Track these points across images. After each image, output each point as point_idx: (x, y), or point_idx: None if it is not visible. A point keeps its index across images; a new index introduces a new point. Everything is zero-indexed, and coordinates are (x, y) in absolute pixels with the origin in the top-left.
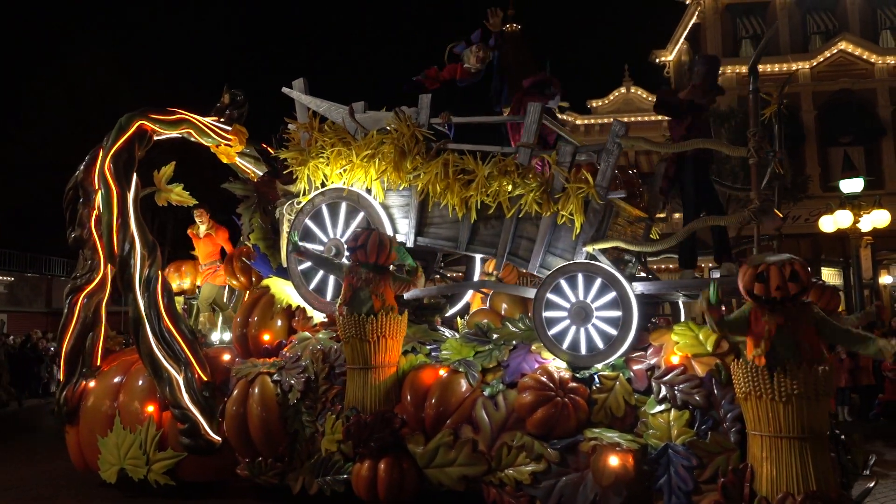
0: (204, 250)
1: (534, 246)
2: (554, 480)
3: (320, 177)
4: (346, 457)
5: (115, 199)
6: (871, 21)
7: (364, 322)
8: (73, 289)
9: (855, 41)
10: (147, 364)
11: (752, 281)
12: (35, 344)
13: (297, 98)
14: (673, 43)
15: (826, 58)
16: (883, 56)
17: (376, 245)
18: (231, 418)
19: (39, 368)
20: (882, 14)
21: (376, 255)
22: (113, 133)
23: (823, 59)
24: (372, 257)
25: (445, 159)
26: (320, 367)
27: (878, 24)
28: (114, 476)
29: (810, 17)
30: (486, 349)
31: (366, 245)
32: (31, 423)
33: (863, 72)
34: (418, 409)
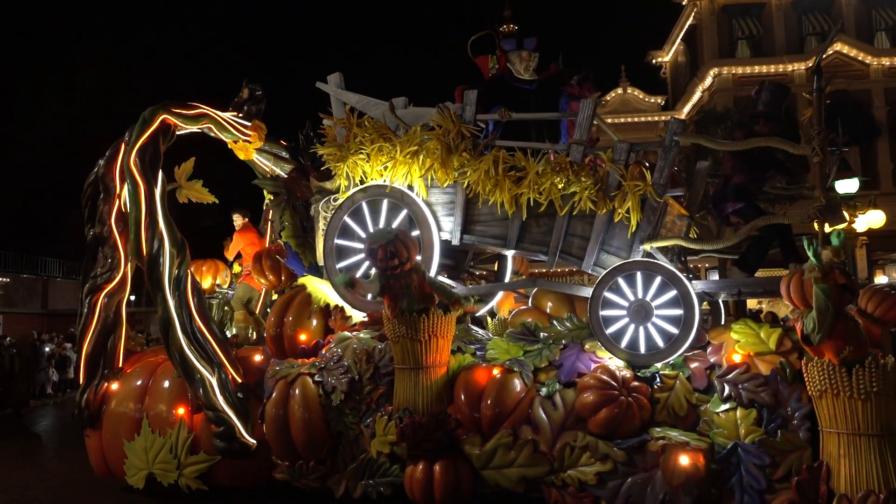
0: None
1: (587, 244)
2: (620, 481)
3: (359, 173)
4: (394, 459)
5: (143, 196)
6: (867, 22)
7: (416, 321)
8: (92, 288)
9: (850, 42)
10: (178, 365)
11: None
12: (32, 345)
13: (332, 93)
14: (669, 44)
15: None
16: (878, 57)
17: (398, 262)
18: (271, 420)
19: (36, 370)
20: (877, 15)
21: (400, 268)
22: (136, 127)
23: None
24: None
25: (495, 156)
26: (364, 368)
27: (873, 26)
28: (142, 481)
29: (806, 18)
30: (535, 348)
31: (387, 264)
32: (27, 425)
33: (858, 73)
34: (473, 409)
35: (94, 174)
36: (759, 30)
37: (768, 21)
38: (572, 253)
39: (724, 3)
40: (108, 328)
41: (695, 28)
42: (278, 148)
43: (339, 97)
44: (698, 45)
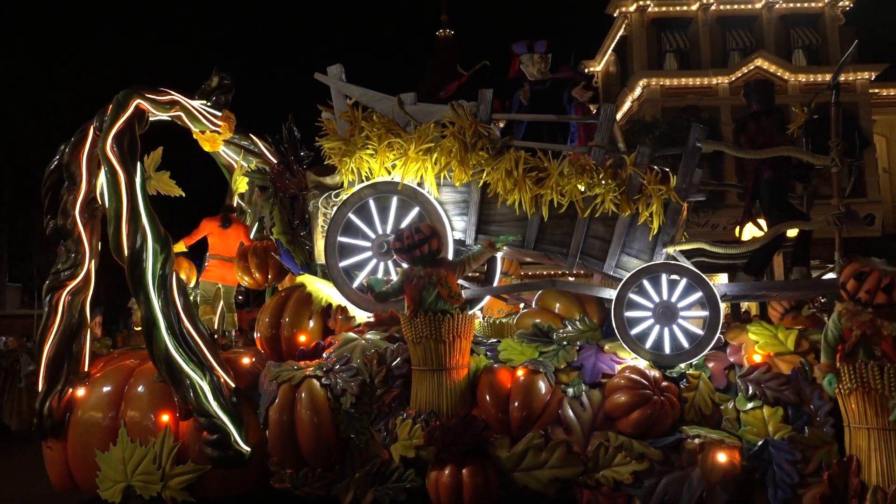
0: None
1: (608, 246)
2: (656, 479)
3: (365, 169)
4: (409, 464)
5: (124, 186)
6: (785, 40)
7: (440, 322)
8: (53, 286)
9: (770, 59)
10: (163, 369)
11: (850, 277)
12: None
13: (333, 85)
14: (601, 54)
15: (743, 73)
16: (795, 73)
17: (425, 236)
18: (276, 426)
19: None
20: (794, 34)
21: (427, 245)
22: (111, 111)
23: (741, 74)
24: (424, 248)
25: (516, 156)
26: (376, 370)
27: (791, 44)
28: (118, 494)
29: (729, 34)
30: (550, 349)
31: (414, 240)
32: None
33: (777, 88)
34: (500, 411)
35: (57, 161)
36: (686, 43)
37: (695, 35)
38: (593, 255)
39: (653, 16)
40: (72, 329)
41: (625, 39)
42: (248, 140)
43: (342, 90)
44: (628, 56)
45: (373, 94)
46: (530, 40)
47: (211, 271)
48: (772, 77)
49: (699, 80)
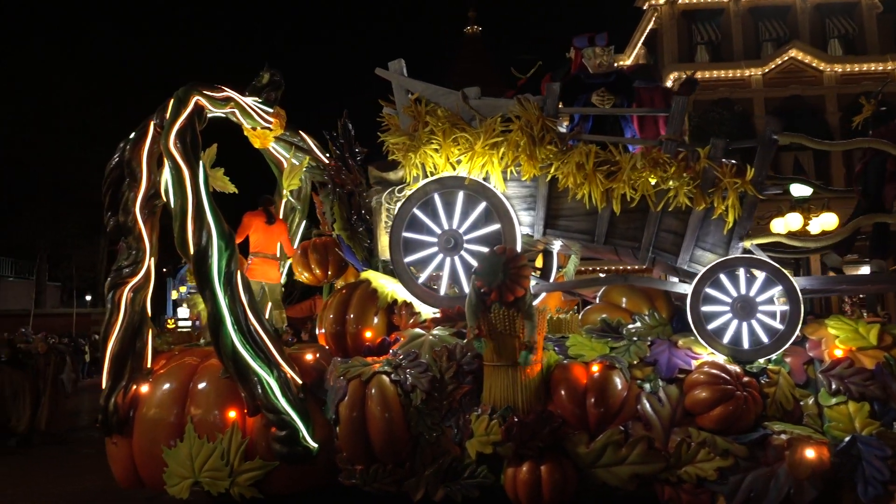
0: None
1: (680, 240)
2: (741, 476)
3: (429, 164)
4: (482, 460)
5: (188, 182)
6: (820, 30)
7: (514, 317)
8: (115, 282)
9: (805, 49)
10: (230, 365)
11: None
12: None
13: (394, 80)
14: (631, 47)
15: (777, 65)
16: (831, 64)
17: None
18: (346, 422)
19: None
20: (830, 23)
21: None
22: (171, 107)
23: (775, 65)
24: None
25: (586, 150)
26: (446, 366)
27: (826, 33)
28: (186, 490)
29: (762, 25)
30: (621, 345)
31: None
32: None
33: (812, 79)
34: (578, 407)
35: (118, 158)
36: (718, 35)
37: (727, 27)
38: (665, 249)
39: (683, 8)
40: (135, 326)
41: (655, 32)
42: (297, 137)
43: (404, 85)
44: (659, 50)
45: (436, 89)
46: (591, 34)
47: (254, 269)
48: (806, 68)
49: (731, 72)
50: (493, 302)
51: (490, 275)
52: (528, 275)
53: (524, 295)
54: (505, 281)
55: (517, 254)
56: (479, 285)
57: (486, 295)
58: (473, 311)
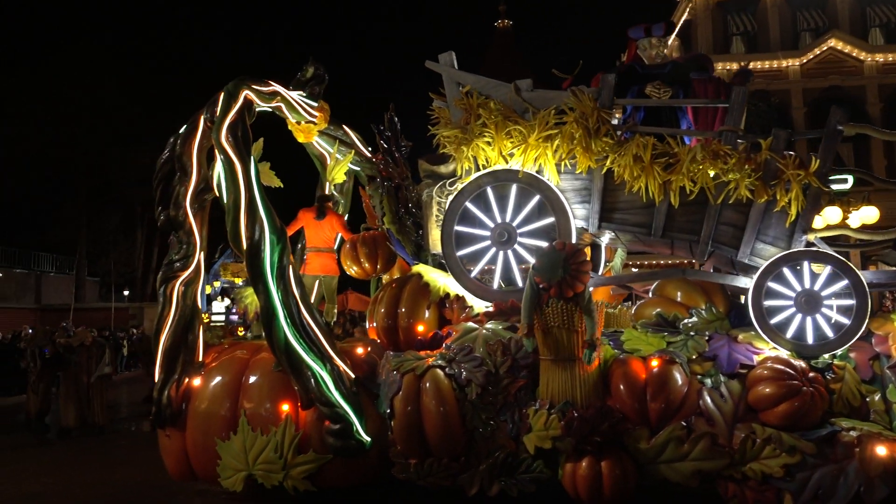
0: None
1: (740, 233)
2: (809, 472)
3: (482, 158)
4: (538, 455)
5: (241, 176)
6: (861, 19)
7: (572, 312)
8: (167, 276)
9: (844, 38)
10: (282, 359)
11: None
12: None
13: (445, 73)
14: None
15: (816, 55)
16: (872, 53)
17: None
18: (402, 416)
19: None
20: (871, 12)
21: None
22: (222, 101)
23: (813, 56)
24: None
25: (643, 142)
26: (500, 360)
27: (867, 22)
28: (240, 483)
29: (800, 15)
30: (678, 339)
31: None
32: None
33: (852, 69)
34: (638, 402)
35: (169, 153)
36: (754, 26)
37: (763, 17)
38: (724, 242)
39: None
40: (186, 319)
41: (690, 24)
42: (341, 131)
43: (455, 78)
44: (693, 41)
45: (487, 81)
46: (647, 24)
47: (310, 263)
48: (846, 58)
49: (768, 63)
50: (550, 297)
51: (550, 270)
52: (588, 270)
53: (583, 290)
54: (565, 277)
55: (578, 249)
56: (538, 281)
57: (544, 291)
58: (529, 307)
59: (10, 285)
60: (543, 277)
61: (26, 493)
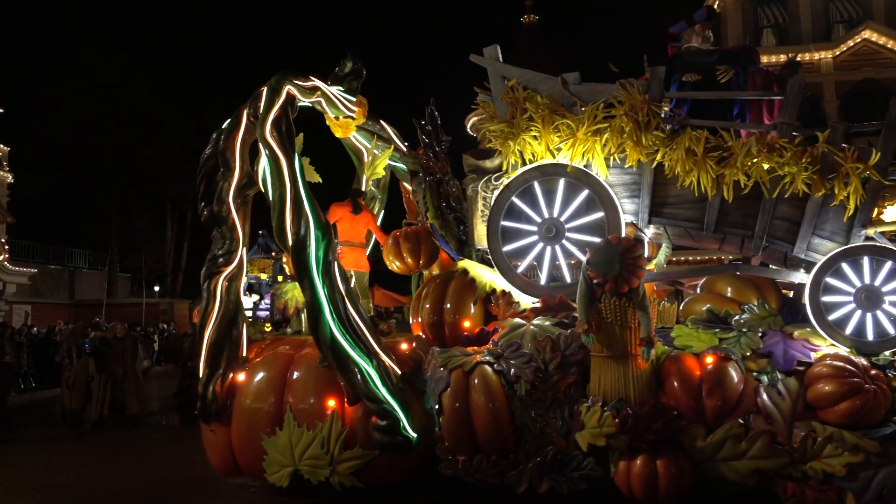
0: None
1: (796, 227)
2: (873, 472)
3: (528, 152)
4: (589, 452)
5: (286, 172)
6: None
7: (626, 307)
8: (210, 272)
9: (879, 30)
10: (328, 354)
11: None
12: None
13: (490, 67)
14: None
15: (849, 47)
16: None
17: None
18: (450, 413)
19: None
20: None
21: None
22: (266, 96)
23: (846, 48)
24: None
25: (695, 135)
26: (549, 356)
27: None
28: (286, 478)
29: (833, 6)
30: (731, 336)
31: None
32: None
33: (887, 61)
34: (694, 399)
35: (212, 148)
36: (785, 18)
37: (794, 8)
38: (779, 237)
39: None
40: (231, 315)
41: (719, 17)
42: (378, 126)
43: (500, 71)
44: (723, 34)
45: (533, 75)
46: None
47: (343, 258)
48: (881, 50)
49: (800, 55)
50: (604, 293)
51: (606, 265)
52: (644, 265)
53: (638, 286)
54: (622, 272)
55: (633, 244)
56: (593, 276)
57: (599, 286)
58: (584, 303)
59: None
60: (599, 272)
61: (62, 485)
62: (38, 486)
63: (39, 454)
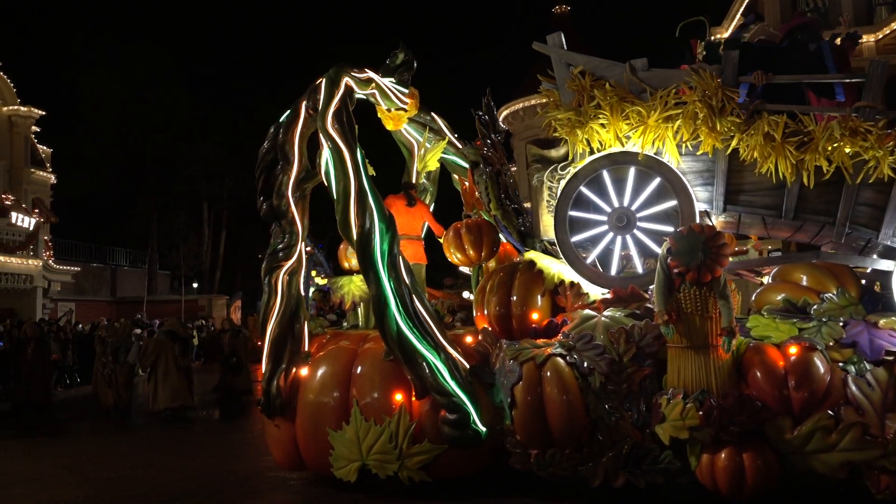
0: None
1: (881, 214)
2: None
3: (595, 140)
4: (666, 446)
5: (350, 164)
6: None
7: (707, 297)
8: (271, 266)
9: None
10: (395, 348)
11: None
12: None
13: (554, 55)
14: (729, 19)
15: (893, 30)
16: None
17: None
18: (524, 406)
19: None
20: None
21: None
22: (325, 88)
23: (890, 31)
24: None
25: (774, 120)
26: (624, 348)
27: None
28: (354, 473)
29: None
30: (811, 326)
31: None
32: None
33: None
34: (780, 390)
35: (271, 142)
36: (825, 1)
37: None
38: (862, 223)
39: None
40: (292, 309)
41: (756, 2)
42: (429, 117)
43: (565, 59)
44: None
45: (599, 62)
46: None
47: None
48: None
49: None
50: (683, 282)
51: (688, 254)
52: (728, 254)
53: (721, 275)
54: (705, 260)
55: (717, 232)
56: (674, 265)
57: (680, 275)
58: (663, 293)
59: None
60: (681, 261)
61: (106, 477)
62: (85, 478)
63: (84, 447)
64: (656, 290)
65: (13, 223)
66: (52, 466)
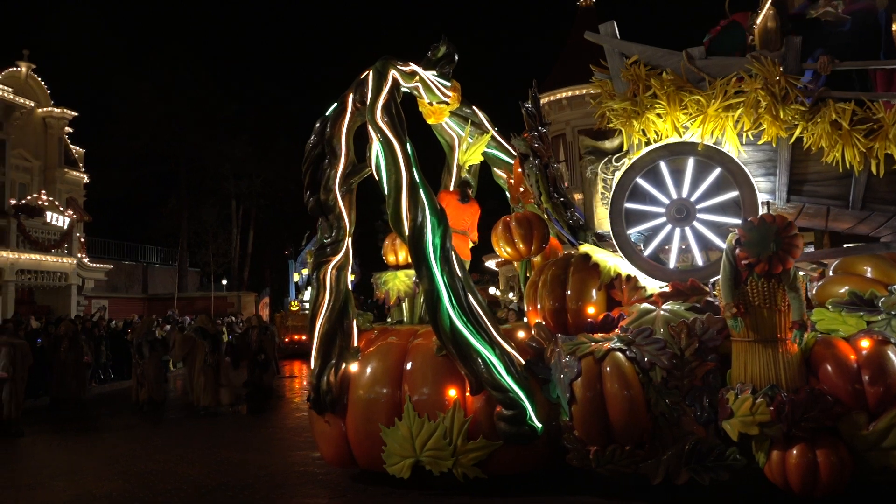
0: (463, 219)
1: None
2: None
3: (651, 131)
4: (731, 442)
5: (401, 157)
6: None
7: (776, 289)
8: (319, 261)
9: None
10: (448, 343)
11: None
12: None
13: (607, 44)
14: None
15: None
16: None
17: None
18: (584, 402)
19: None
20: None
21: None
22: (373, 81)
23: None
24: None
25: (841, 108)
26: (686, 342)
27: None
28: (407, 470)
29: None
30: (879, 319)
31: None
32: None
33: None
34: (853, 384)
35: (319, 136)
36: None
37: None
38: None
39: None
40: (341, 304)
41: None
42: (469, 111)
43: (619, 48)
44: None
45: (654, 51)
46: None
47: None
48: None
49: None
50: (751, 274)
51: (760, 245)
52: (800, 245)
53: (791, 267)
54: (777, 251)
55: (789, 222)
56: (743, 256)
57: (749, 267)
58: (729, 286)
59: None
60: (752, 252)
61: (143, 471)
62: (122, 471)
63: (118, 442)
64: (722, 282)
65: (48, 222)
66: (88, 460)
